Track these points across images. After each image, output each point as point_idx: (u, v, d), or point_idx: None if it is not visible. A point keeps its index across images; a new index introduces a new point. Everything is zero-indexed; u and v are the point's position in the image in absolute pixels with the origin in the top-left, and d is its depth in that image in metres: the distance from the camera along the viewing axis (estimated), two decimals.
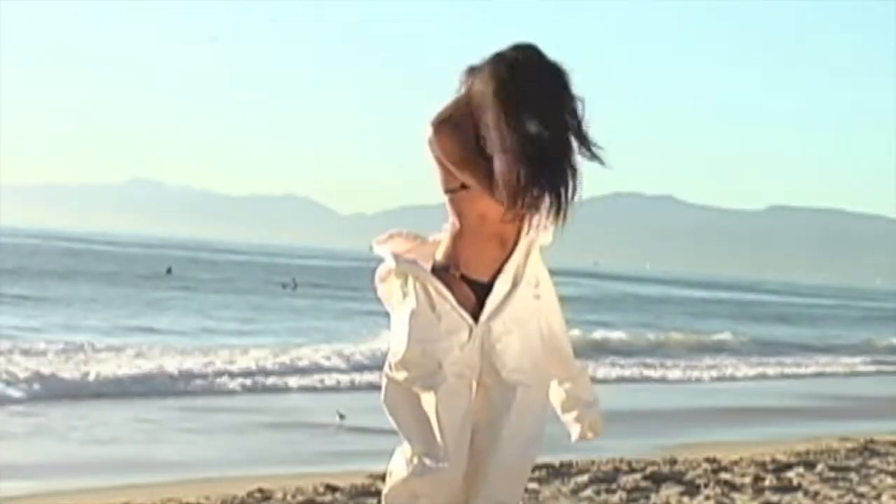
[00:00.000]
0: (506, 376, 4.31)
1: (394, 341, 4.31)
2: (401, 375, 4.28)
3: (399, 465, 4.30)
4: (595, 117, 4.47)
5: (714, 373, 25.06)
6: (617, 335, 32.02)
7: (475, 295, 4.30)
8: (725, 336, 35.50)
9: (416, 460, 4.27)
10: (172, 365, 18.32)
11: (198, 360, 19.59)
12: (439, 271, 4.33)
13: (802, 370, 27.62)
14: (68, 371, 16.75)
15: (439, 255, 4.38)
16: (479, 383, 4.33)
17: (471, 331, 4.26)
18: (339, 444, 12.06)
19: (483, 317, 4.27)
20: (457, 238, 4.34)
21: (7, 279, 45.41)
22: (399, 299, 4.32)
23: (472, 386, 4.31)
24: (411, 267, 4.29)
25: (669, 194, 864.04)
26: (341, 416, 13.82)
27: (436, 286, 4.25)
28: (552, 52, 4.47)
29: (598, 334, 31.25)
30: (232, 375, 17.99)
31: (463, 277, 4.31)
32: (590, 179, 4.56)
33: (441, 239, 4.42)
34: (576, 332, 29.79)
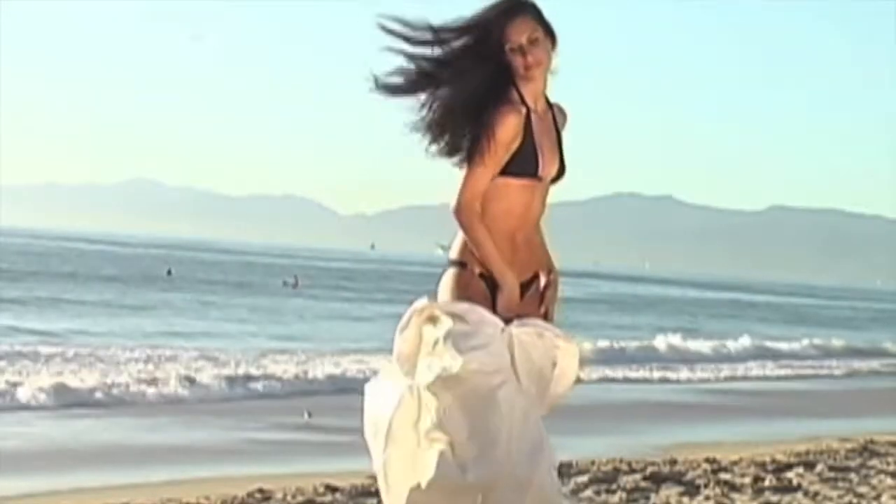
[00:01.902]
0: (523, 382, 4.42)
1: (440, 359, 4.37)
2: (459, 388, 4.34)
3: (443, 468, 4.32)
4: (595, 117, 4.53)
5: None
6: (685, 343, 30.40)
7: (490, 293, 4.44)
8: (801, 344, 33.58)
9: (467, 466, 4.31)
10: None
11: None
12: (457, 267, 4.47)
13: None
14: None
15: (454, 253, 4.51)
16: None
17: (502, 331, 4.38)
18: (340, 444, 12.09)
19: (515, 323, 4.41)
20: None
21: (10, 280, 45.43)
22: (433, 332, 4.40)
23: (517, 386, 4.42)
24: (431, 303, 4.42)
25: (669, 194, 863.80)
26: (309, 415, 14.14)
27: (458, 307, 4.37)
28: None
29: (670, 340, 29.83)
30: None
31: (481, 275, 4.45)
32: (590, 179, 4.63)
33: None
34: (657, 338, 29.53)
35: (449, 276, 4.50)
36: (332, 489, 8.46)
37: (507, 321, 4.42)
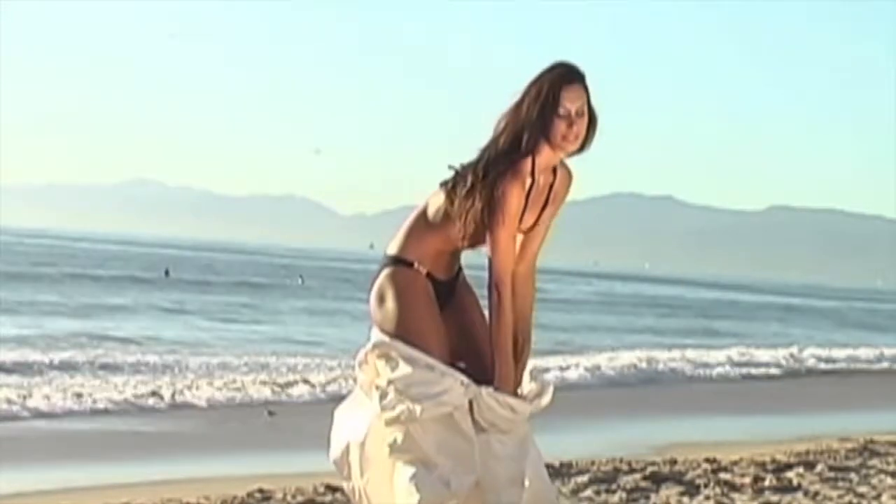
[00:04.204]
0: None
1: (397, 397, 4.53)
2: (421, 424, 4.49)
3: (425, 487, 4.45)
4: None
5: None
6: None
7: (435, 289, 4.62)
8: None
9: (448, 478, 4.46)
10: None
11: None
12: (403, 265, 4.61)
13: None
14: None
15: (395, 249, 4.66)
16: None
17: (467, 386, 4.54)
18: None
19: (485, 388, 4.56)
20: (427, 233, 4.63)
21: (9, 280, 45.39)
22: (388, 372, 4.56)
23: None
24: (392, 345, 4.57)
25: (669, 194, 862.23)
26: (270, 413, 14.25)
27: (418, 355, 4.52)
28: (553, 51, 4.58)
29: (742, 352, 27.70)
30: None
31: (428, 275, 4.62)
32: (590, 179, 4.67)
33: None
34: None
35: (390, 273, 4.62)
36: (332, 489, 8.45)
37: (478, 382, 4.57)
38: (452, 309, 4.67)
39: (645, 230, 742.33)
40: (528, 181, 4.50)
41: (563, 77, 4.47)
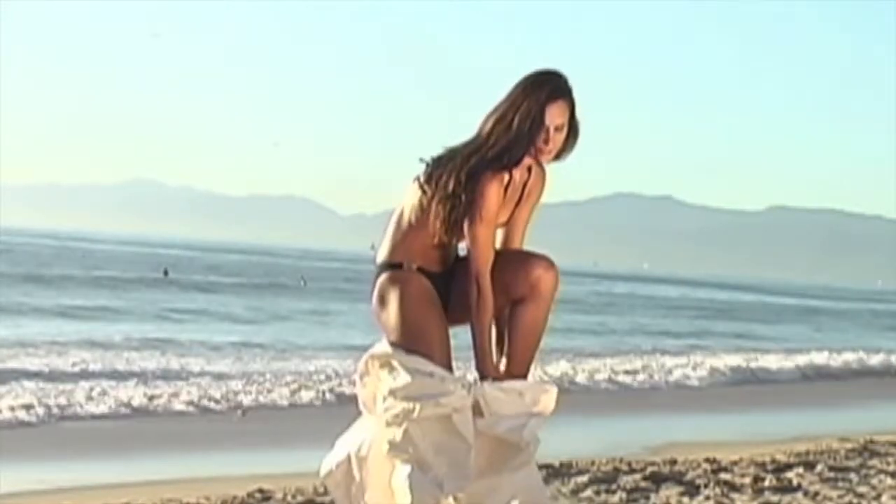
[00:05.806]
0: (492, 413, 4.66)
1: (397, 402, 4.60)
2: (419, 425, 4.56)
3: (419, 488, 4.51)
4: (595, 117, 4.67)
5: None
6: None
7: (433, 283, 4.71)
8: None
9: (442, 481, 4.53)
10: None
11: None
12: (392, 269, 4.70)
13: None
14: None
15: (384, 256, 4.75)
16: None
17: (469, 387, 4.62)
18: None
19: (488, 382, 4.67)
20: (408, 233, 4.72)
21: (8, 280, 45.39)
22: (390, 382, 4.63)
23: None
24: (392, 354, 4.65)
25: (669, 194, 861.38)
26: (243, 412, 14.32)
27: (419, 363, 4.58)
28: (552, 51, 4.62)
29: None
30: None
31: (421, 269, 4.70)
32: (590, 179, 4.73)
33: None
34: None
35: (385, 280, 4.71)
36: None
37: (482, 378, 4.68)
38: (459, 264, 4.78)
39: (645, 230, 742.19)
40: (506, 178, 4.66)
41: (550, 96, 4.63)
